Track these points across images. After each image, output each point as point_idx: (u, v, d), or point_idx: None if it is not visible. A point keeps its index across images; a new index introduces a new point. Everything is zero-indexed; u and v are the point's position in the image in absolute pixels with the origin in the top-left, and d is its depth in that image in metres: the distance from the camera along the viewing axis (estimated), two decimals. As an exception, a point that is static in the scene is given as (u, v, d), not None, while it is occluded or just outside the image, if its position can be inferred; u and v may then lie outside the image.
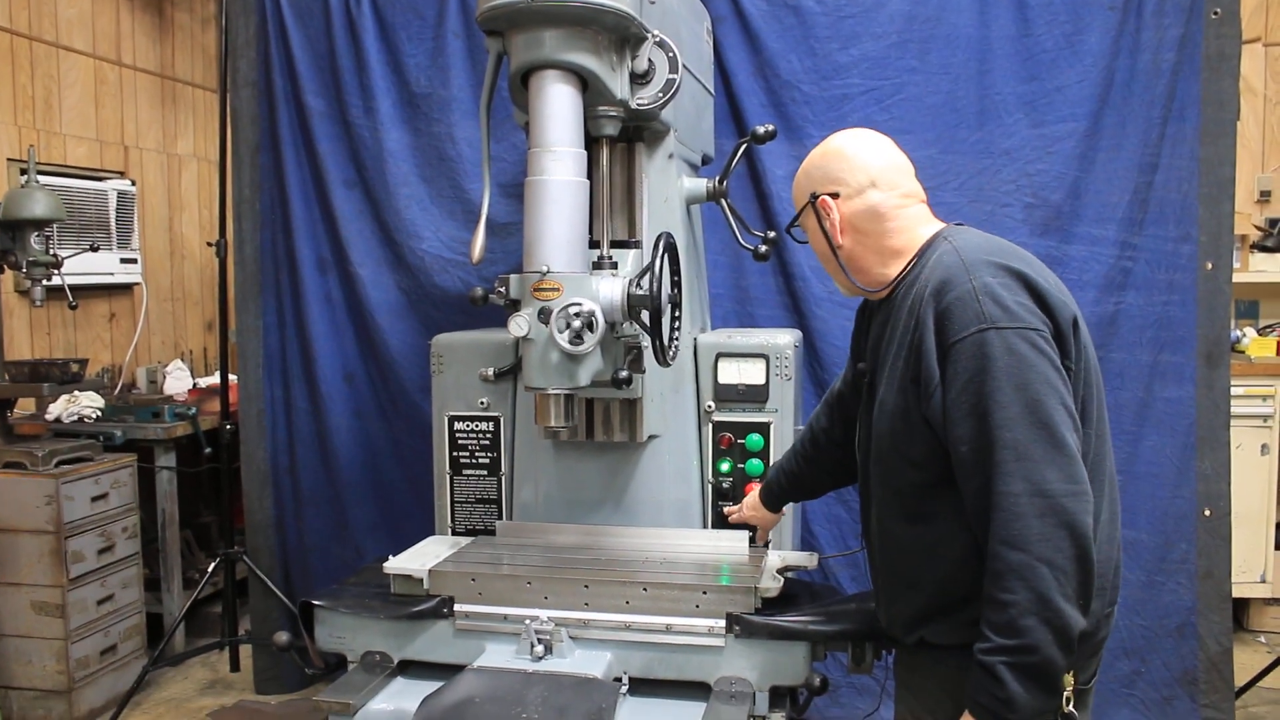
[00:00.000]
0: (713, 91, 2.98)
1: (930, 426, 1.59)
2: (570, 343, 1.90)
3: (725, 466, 2.48)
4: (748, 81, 3.23)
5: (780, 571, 2.12)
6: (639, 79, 2.10)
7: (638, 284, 1.97)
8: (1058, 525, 1.44)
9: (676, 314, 2.13)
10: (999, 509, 1.47)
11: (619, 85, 2.07)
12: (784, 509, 2.37)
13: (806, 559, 2.28)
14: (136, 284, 4.74)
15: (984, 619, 1.49)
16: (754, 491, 2.37)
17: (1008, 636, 1.45)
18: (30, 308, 4.04)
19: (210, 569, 3.69)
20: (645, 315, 1.99)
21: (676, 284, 2.11)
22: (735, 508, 2.41)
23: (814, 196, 1.80)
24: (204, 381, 4.65)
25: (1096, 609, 1.58)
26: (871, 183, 1.75)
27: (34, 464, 3.47)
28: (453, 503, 2.61)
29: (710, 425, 2.49)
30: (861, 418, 1.85)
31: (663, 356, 2.07)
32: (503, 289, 2.01)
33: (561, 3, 1.91)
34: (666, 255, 2.02)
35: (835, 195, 1.77)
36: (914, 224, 1.76)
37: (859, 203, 1.76)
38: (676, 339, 2.14)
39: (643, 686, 2.03)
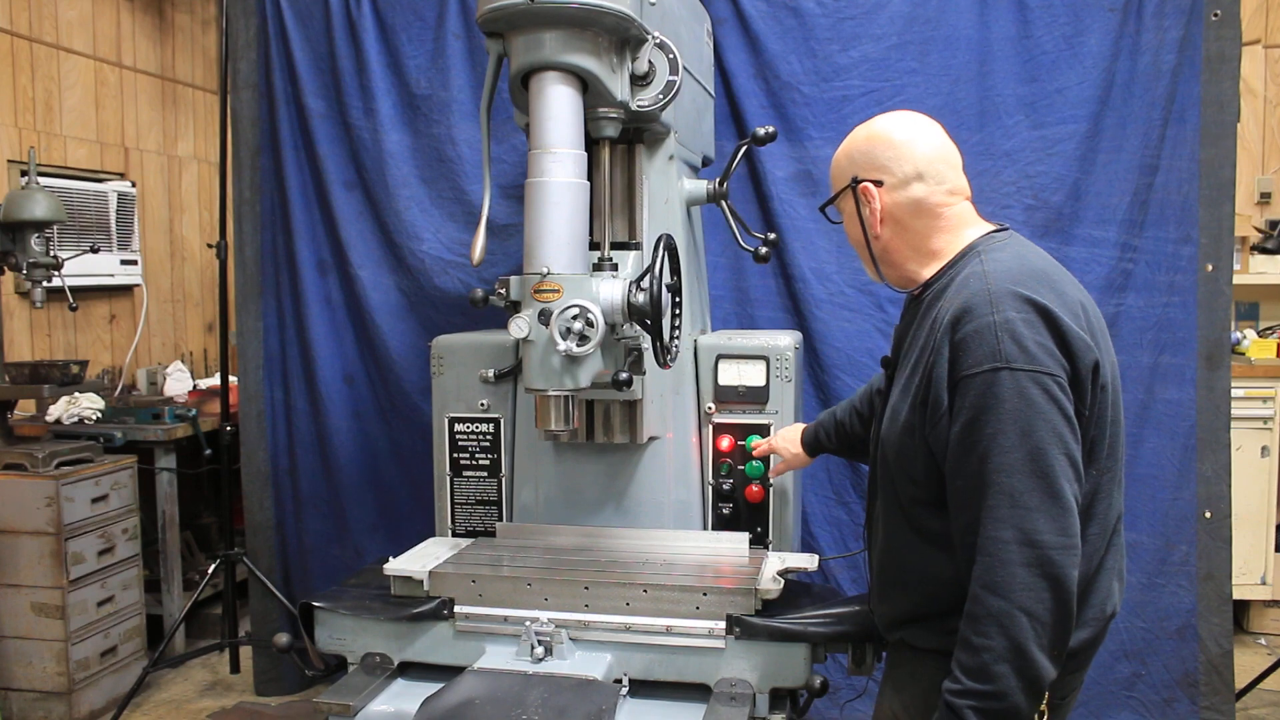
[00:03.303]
0: (713, 93, 2.98)
1: (931, 451, 1.57)
2: (570, 344, 1.90)
3: (725, 468, 2.48)
4: (748, 83, 3.23)
5: (780, 573, 2.12)
6: (639, 80, 2.10)
7: (638, 285, 1.97)
8: (1042, 576, 1.42)
9: (677, 315, 2.13)
10: (985, 553, 1.45)
11: (619, 87, 2.07)
12: (815, 457, 2.34)
13: (807, 560, 2.28)
14: (137, 285, 4.75)
15: (956, 660, 1.48)
16: (793, 427, 2.34)
17: (978, 681, 1.44)
18: (30, 309, 4.04)
19: (210, 570, 3.69)
20: (646, 317, 1.98)
21: (677, 286, 2.11)
22: (763, 440, 2.37)
23: (855, 181, 1.72)
24: (204, 383, 4.66)
25: (1085, 634, 1.59)
26: (918, 174, 1.68)
27: (34, 465, 3.47)
28: (453, 504, 2.61)
29: (710, 427, 2.49)
30: (878, 410, 1.81)
31: (663, 358, 2.07)
32: (503, 290, 2.01)
33: (561, 4, 1.91)
34: (667, 256, 2.02)
35: (878, 183, 1.69)
36: (957, 226, 1.69)
37: (903, 195, 1.68)
38: (677, 340, 2.14)
39: (643, 688, 2.03)
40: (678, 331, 2.14)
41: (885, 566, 1.76)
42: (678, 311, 2.13)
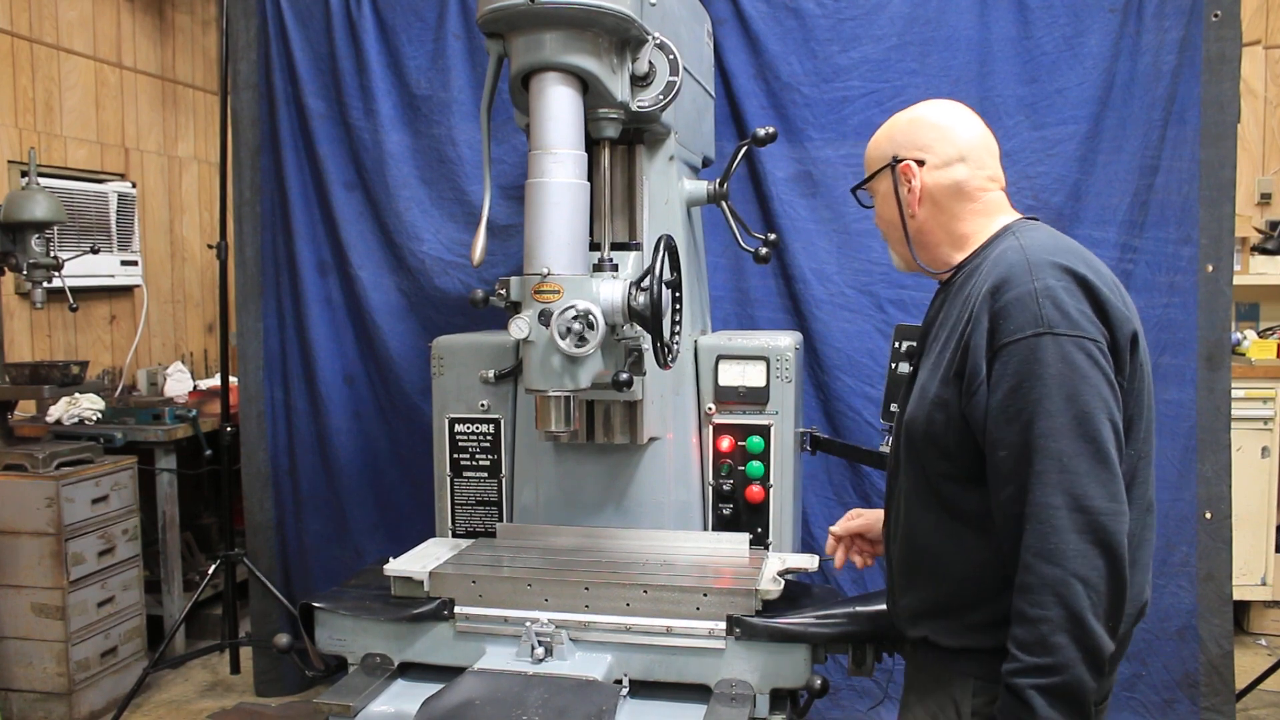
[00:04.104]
0: (713, 94, 2.98)
1: (968, 423, 1.53)
2: (571, 345, 1.90)
3: (726, 469, 2.48)
4: (748, 84, 3.23)
5: (781, 573, 2.12)
6: (639, 81, 2.11)
7: (638, 286, 1.97)
8: (1095, 543, 1.39)
9: (677, 316, 2.13)
10: (1036, 520, 1.42)
11: (619, 87, 2.07)
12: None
13: (807, 561, 2.28)
14: (137, 286, 4.75)
15: (1012, 636, 1.44)
16: (871, 513, 2.09)
17: (1038, 655, 1.40)
18: (31, 310, 4.04)
19: (210, 571, 3.69)
20: (646, 318, 1.98)
21: (677, 281, 2.11)
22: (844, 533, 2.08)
23: (896, 160, 1.72)
24: (204, 383, 4.66)
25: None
26: (961, 157, 1.69)
27: (34, 466, 3.47)
28: (453, 505, 2.61)
29: (711, 427, 2.49)
30: (902, 398, 1.78)
31: (663, 358, 2.07)
32: (503, 291, 2.01)
33: (562, 5, 1.91)
34: (667, 257, 2.02)
35: (920, 163, 1.70)
36: (992, 210, 1.70)
37: (944, 176, 1.69)
38: (677, 341, 2.14)
39: (643, 689, 2.03)
40: (678, 332, 2.14)
41: (909, 554, 1.70)
42: (678, 308, 2.13)
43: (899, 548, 1.73)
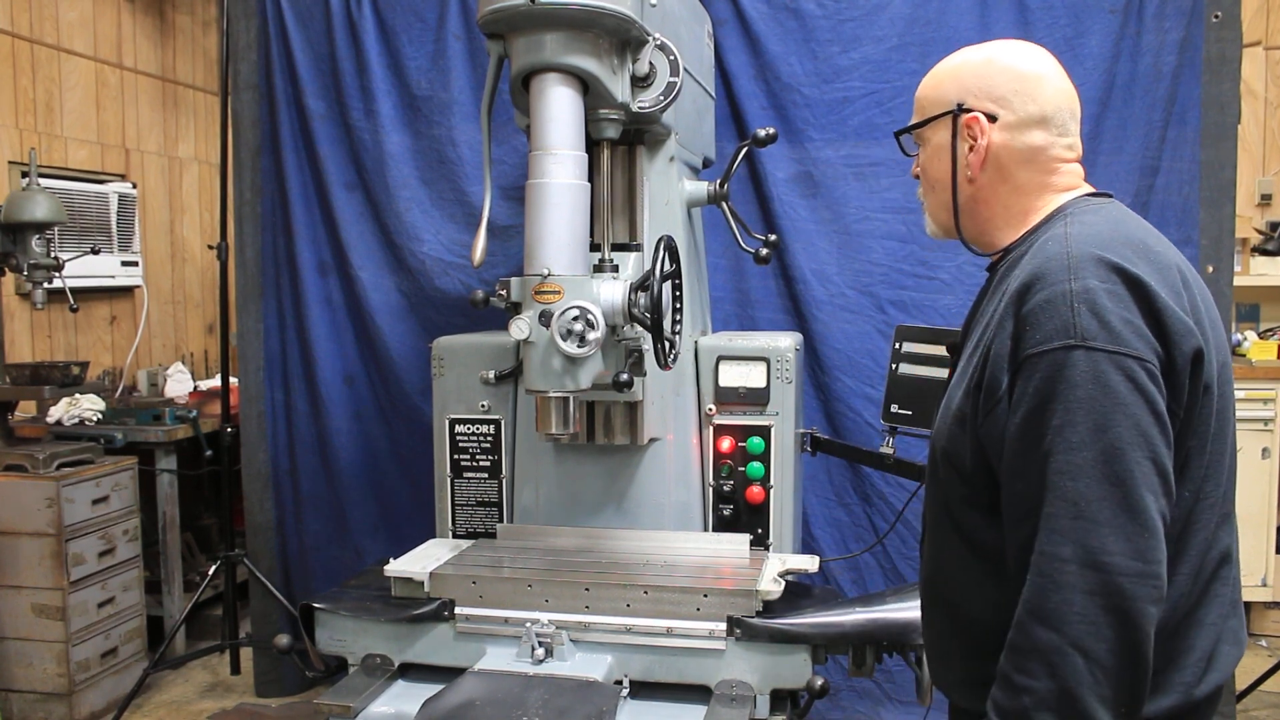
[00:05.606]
0: (713, 94, 2.98)
1: (981, 445, 1.32)
2: (571, 346, 1.90)
3: (726, 470, 2.48)
4: (749, 84, 3.23)
5: (781, 574, 2.12)
6: (640, 82, 2.11)
7: (639, 287, 1.97)
8: (1107, 609, 1.15)
9: (677, 317, 2.13)
10: (1038, 573, 1.19)
11: (620, 88, 2.07)
12: None
13: (808, 562, 2.28)
14: (137, 287, 4.75)
15: (991, 698, 1.22)
16: None
17: None
18: (31, 310, 4.04)
19: (211, 571, 3.69)
20: (646, 318, 1.98)
21: (677, 286, 2.11)
22: None
23: (961, 108, 1.42)
24: (205, 384, 4.65)
25: (1167, 702, 1.28)
26: (1042, 118, 1.40)
27: (35, 466, 3.47)
28: (453, 505, 2.61)
29: (711, 428, 2.49)
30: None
31: (663, 359, 2.07)
32: (504, 291, 2.02)
33: (562, 5, 1.91)
34: (667, 258, 2.02)
35: (993, 118, 1.41)
36: (1063, 187, 1.43)
37: (1019, 139, 1.40)
38: (677, 342, 2.14)
39: (643, 689, 2.03)
40: (678, 333, 2.14)
41: (928, 586, 1.50)
42: (678, 313, 2.13)
43: (925, 583, 1.52)
